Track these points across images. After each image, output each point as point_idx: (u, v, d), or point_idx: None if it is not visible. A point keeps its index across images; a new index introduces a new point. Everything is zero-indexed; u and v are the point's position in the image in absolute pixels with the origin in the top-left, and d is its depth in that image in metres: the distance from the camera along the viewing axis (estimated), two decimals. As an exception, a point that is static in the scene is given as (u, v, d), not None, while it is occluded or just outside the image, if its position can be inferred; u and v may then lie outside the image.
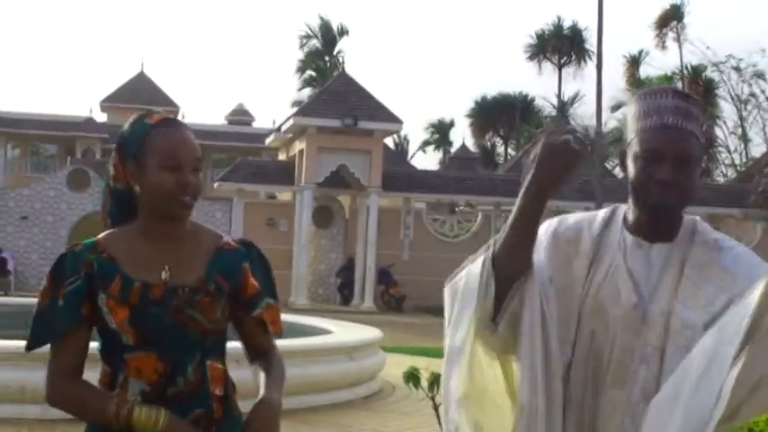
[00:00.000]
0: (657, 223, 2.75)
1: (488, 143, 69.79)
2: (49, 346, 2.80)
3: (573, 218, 2.91)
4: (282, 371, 2.98)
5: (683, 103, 2.71)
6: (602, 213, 2.88)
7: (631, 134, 2.76)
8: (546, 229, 2.86)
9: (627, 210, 2.83)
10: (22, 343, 2.86)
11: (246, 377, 3.00)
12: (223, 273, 2.83)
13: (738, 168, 52.71)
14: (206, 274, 2.81)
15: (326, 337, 12.98)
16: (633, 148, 2.72)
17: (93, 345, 2.86)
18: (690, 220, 2.83)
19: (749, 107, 54.07)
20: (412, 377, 7.39)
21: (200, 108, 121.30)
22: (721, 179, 52.61)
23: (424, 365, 7.54)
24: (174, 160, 2.74)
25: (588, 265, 2.77)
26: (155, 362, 2.74)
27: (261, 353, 2.97)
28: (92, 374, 2.85)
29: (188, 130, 2.84)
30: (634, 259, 2.75)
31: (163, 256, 2.79)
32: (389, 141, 48.10)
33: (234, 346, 2.98)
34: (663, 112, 2.69)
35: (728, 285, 2.67)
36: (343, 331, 13.60)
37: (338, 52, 57.49)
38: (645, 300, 2.70)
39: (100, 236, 2.86)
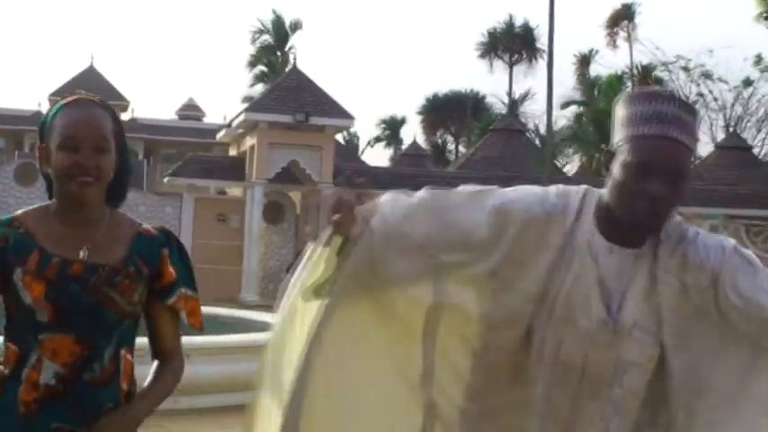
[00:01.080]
0: (635, 234, 2.62)
1: (440, 140, 69.98)
2: None
3: (547, 198, 2.69)
4: (170, 383, 2.87)
5: (684, 114, 2.59)
6: (574, 201, 2.68)
7: (623, 136, 2.60)
8: (520, 202, 2.67)
9: (600, 202, 2.67)
10: None
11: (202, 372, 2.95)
12: (142, 257, 2.78)
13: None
14: (126, 256, 2.75)
15: (276, 333, 12.93)
16: (624, 154, 2.57)
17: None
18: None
19: (697, 107, 54.56)
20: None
21: (151, 103, 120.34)
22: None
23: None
24: (70, 140, 2.67)
25: (551, 264, 2.61)
26: (71, 344, 2.66)
27: (164, 351, 2.87)
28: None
29: (97, 108, 2.76)
30: (605, 266, 2.60)
31: (80, 237, 2.73)
32: (340, 137, 48.04)
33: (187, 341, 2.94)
34: (663, 121, 2.54)
35: (699, 280, 2.57)
36: (293, 327, 13.54)
37: (290, 48, 57.18)
38: (614, 311, 2.58)
39: (17, 213, 2.80)
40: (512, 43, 60.98)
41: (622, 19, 53.96)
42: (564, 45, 79.12)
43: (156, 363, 2.88)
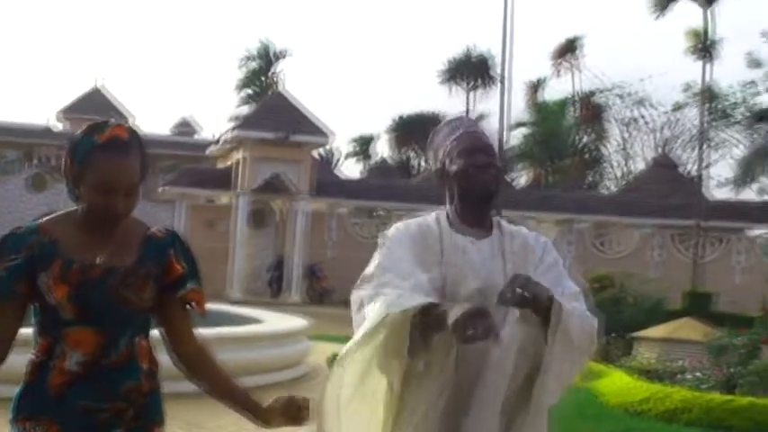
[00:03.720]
0: (483, 204, 3.10)
1: (405, 156, 70.04)
2: None
3: (413, 224, 3.18)
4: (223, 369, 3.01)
5: (468, 120, 3.27)
6: (431, 220, 3.15)
7: (445, 148, 3.14)
8: (400, 231, 3.15)
9: (448, 214, 3.15)
10: None
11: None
12: (153, 257, 2.81)
13: (621, 182, 53.55)
14: (139, 259, 2.79)
15: (258, 325, 12.93)
16: (448, 158, 3.10)
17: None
18: (494, 219, 3.19)
19: (631, 129, 54.96)
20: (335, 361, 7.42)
21: (149, 119, 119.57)
22: (606, 191, 53.37)
23: (345, 352, 7.56)
24: (107, 185, 2.69)
25: (439, 265, 3.03)
26: (91, 335, 2.72)
27: (184, 337, 2.92)
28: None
29: (131, 152, 2.75)
30: (470, 255, 3.06)
31: (99, 242, 2.76)
32: (317, 153, 48.00)
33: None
34: (461, 126, 3.18)
35: (533, 258, 3.12)
36: (273, 321, 13.57)
37: (274, 73, 57.11)
38: (483, 284, 3.02)
39: (43, 220, 2.82)
40: (470, 71, 61.11)
41: (567, 51, 54.24)
42: (516, 73, 79.45)
43: (189, 360, 2.93)
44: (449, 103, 63.41)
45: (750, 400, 10.34)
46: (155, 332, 2.92)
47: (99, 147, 2.73)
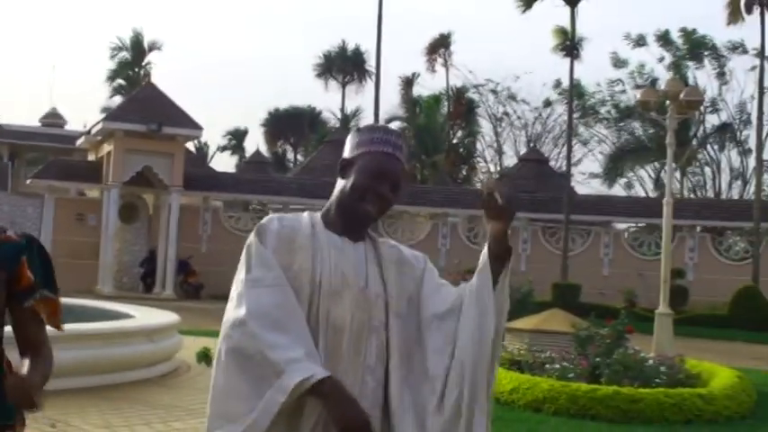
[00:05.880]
0: (360, 225, 3.11)
1: (280, 150, 69.82)
2: None
3: (285, 219, 3.14)
4: (49, 365, 2.78)
5: (401, 142, 3.18)
6: (305, 217, 3.14)
7: (364, 150, 3.11)
8: (269, 227, 3.08)
9: (324, 215, 3.14)
10: None
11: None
12: (2, 262, 2.70)
13: (494, 176, 54.48)
14: None
15: (129, 321, 12.75)
16: (361, 162, 3.08)
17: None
18: (368, 232, 3.20)
19: (503, 124, 55.98)
20: (204, 356, 7.35)
21: (16, 110, 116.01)
22: (479, 186, 54.21)
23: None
24: None
25: (311, 257, 3.00)
26: None
27: (31, 345, 2.78)
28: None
29: None
30: (347, 253, 3.05)
31: None
32: (191, 145, 47.41)
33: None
34: (390, 144, 3.12)
35: (413, 272, 3.15)
36: (144, 316, 13.39)
37: (146, 64, 56.26)
38: (364, 285, 3.03)
39: None
40: (344, 65, 61.25)
41: (440, 47, 54.86)
42: (390, 68, 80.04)
43: (27, 355, 2.77)
44: (324, 97, 63.21)
45: (614, 388, 10.69)
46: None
47: None
